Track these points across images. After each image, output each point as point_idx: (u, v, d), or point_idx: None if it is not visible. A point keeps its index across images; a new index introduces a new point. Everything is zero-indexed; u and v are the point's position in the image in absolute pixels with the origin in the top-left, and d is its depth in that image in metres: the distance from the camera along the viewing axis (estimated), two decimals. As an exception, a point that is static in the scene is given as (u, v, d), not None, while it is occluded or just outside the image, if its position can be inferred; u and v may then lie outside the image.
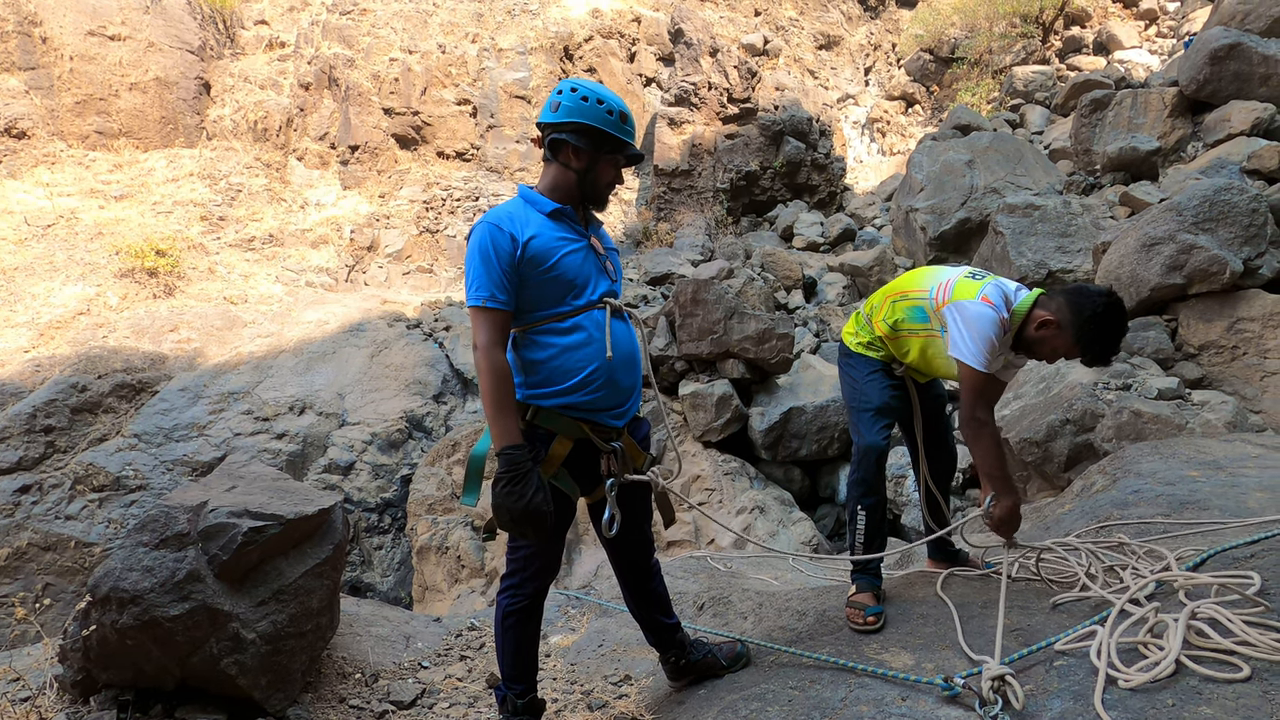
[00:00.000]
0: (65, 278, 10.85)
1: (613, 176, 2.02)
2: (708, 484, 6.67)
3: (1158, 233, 5.53)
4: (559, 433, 1.95)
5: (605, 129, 1.94)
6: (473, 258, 1.89)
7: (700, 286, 6.84)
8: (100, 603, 2.26)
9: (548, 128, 1.98)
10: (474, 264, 1.88)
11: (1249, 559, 2.05)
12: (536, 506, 1.78)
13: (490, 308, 1.86)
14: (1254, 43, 9.23)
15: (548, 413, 1.95)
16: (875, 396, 2.61)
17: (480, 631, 3.36)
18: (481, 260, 1.87)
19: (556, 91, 1.98)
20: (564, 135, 1.95)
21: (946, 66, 18.06)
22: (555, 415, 1.95)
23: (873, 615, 2.42)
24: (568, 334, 1.94)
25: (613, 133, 1.95)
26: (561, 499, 2.00)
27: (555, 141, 1.97)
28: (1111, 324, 2.24)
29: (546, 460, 1.94)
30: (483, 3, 16.57)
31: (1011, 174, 9.72)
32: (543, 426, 1.95)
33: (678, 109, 14.53)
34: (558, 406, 1.95)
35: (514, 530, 1.82)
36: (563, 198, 2.00)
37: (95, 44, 13.42)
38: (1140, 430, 4.51)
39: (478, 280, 1.87)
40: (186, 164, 13.69)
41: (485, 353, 1.85)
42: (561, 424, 1.95)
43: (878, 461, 2.55)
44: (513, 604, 2.08)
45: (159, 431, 8.29)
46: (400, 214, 13.67)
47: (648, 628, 2.37)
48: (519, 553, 2.05)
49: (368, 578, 7.84)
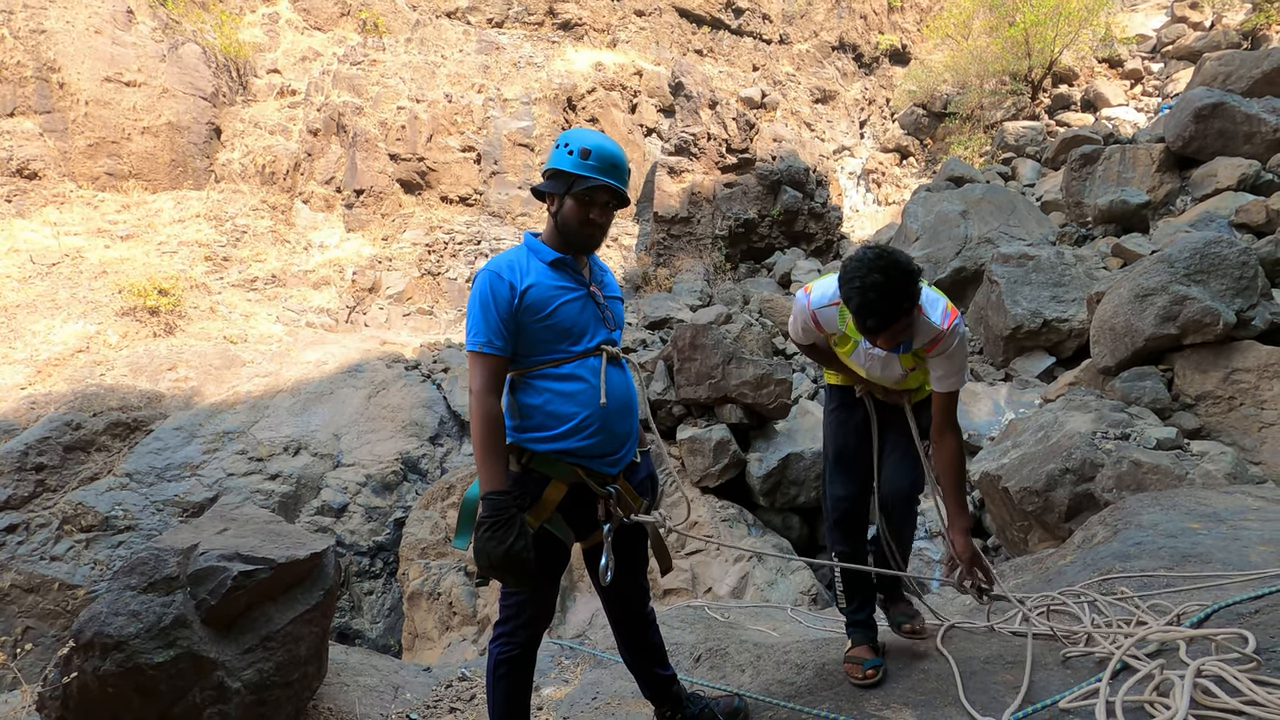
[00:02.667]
0: (66, 315, 10.90)
1: (582, 215, 1.98)
2: (705, 530, 6.58)
3: (1150, 284, 5.60)
4: (554, 477, 1.95)
5: (566, 169, 1.96)
6: (473, 304, 1.94)
7: (699, 331, 6.88)
8: (83, 648, 2.21)
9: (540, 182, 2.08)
10: (474, 310, 1.93)
11: (1253, 615, 2.02)
12: (516, 553, 1.76)
13: (486, 353, 1.90)
14: (1237, 102, 9.52)
15: (542, 457, 1.95)
16: (833, 439, 2.60)
17: (471, 682, 3.27)
18: (481, 307, 1.92)
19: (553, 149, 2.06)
20: (544, 184, 2.03)
21: (939, 121, 18.57)
22: (550, 460, 1.95)
23: (871, 669, 2.36)
24: (563, 380, 1.96)
25: (571, 170, 1.96)
26: (555, 544, 1.98)
27: (539, 192, 2.05)
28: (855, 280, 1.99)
29: (540, 505, 1.94)
30: (489, 55, 17.11)
31: (1005, 225, 9.89)
32: (537, 470, 1.96)
33: (677, 158, 14.86)
34: (552, 452, 1.95)
35: (494, 575, 1.81)
36: (559, 245, 2.04)
37: (111, 89, 13.78)
38: (1140, 480, 4.48)
39: (476, 326, 1.92)
40: (194, 205, 13.92)
41: (479, 398, 1.88)
42: (556, 469, 1.95)
43: (843, 510, 2.50)
44: (504, 652, 2.04)
45: (151, 471, 8.21)
46: (402, 256, 13.83)
47: (643, 680, 2.33)
48: (511, 599, 2.02)
49: (357, 624, 7.66)
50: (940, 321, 2.15)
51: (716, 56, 20.11)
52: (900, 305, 1.98)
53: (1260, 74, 10.69)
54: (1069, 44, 16.77)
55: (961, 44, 18.58)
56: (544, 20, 19.24)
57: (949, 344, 2.16)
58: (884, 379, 2.40)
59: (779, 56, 20.84)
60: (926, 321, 2.15)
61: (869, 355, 2.33)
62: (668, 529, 2.11)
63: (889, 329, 2.01)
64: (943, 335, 2.14)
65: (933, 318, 2.15)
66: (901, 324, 2.03)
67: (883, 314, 1.97)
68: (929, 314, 2.15)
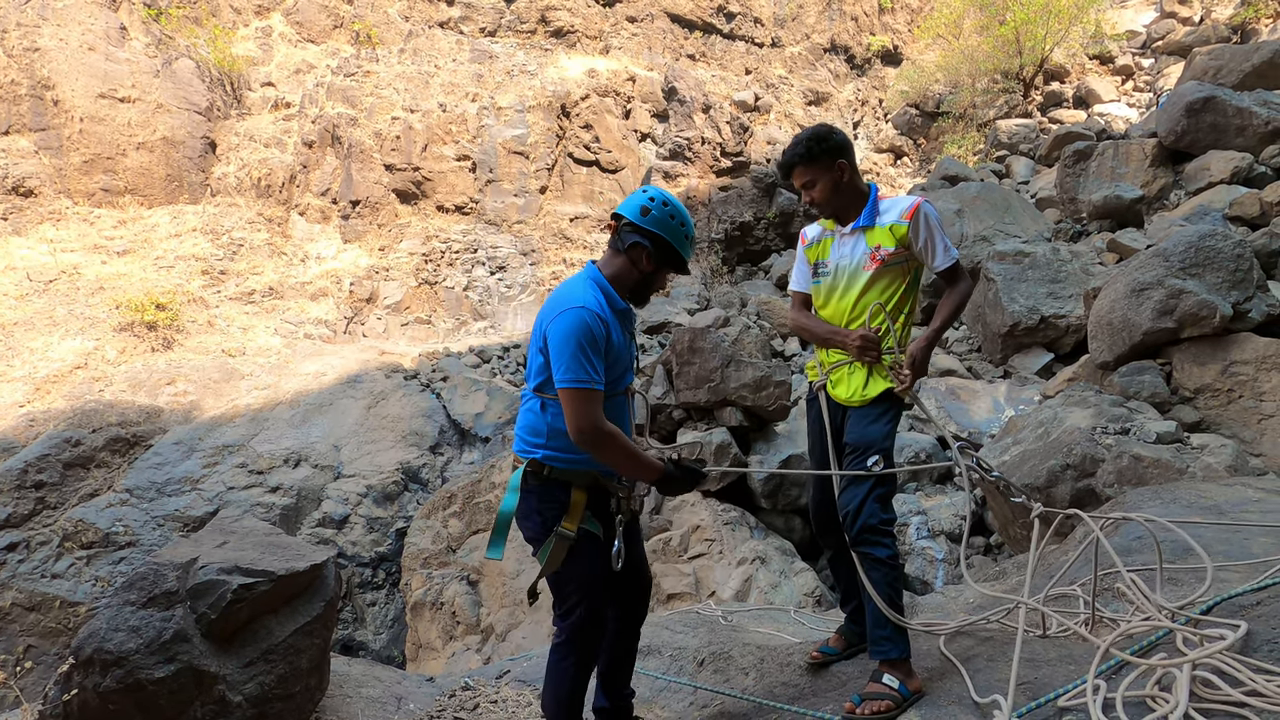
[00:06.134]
0: (64, 332, 10.89)
1: (662, 283, 2.31)
2: (707, 534, 6.57)
3: (1146, 278, 5.61)
4: (574, 484, 2.15)
5: (679, 249, 2.22)
6: (571, 341, 2.02)
7: (697, 335, 6.88)
8: (83, 665, 2.20)
9: (631, 226, 2.19)
10: (574, 347, 2.02)
11: (1255, 605, 2.01)
12: (701, 476, 2.23)
13: (597, 389, 2.04)
14: (1228, 96, 9.55)
15: (564, 469, 2.15)
16: (808, 444, 2.66)
17: (474, 692, 3.26)
18: (587, 344, 2.03)
19: (649, 197, 2.21)
20: (644, 240, 2.18)
21: (932, 120, 18.61)
22: (570, 471, 2.16)
23: (818, 652, 2.57)
24: None
25: (682, 254, 2.24)
26: (594, 541, 2.17)
27: (635, 242, 2.19)
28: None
29: (571, 509, 2.13)
30: (483, 64, 17.16)
31: (1000, 222, 9.91)
32: (559, 480, 2.15)
33: (672, 163, 14.90)
34: (575, 466, 2.16)
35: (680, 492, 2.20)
36: (623, 290, 2.24)
37: (105, 106, 13.81)
38: (1141, 475, 4.48)
39: (580, 364, 2.02)
40: (190, 220, 13.93)
41: (598, 430, 2.02)
42: (575, 476, 2.16)
43: (813, 512, 2.62)
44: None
45: (151, 486, 8.20)
46: (400, 266, 13.84)
47: (611, 692, 2.41)
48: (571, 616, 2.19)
49: (360, 635, 7.63)
50: (911, 202, 2.42)
51: (709, 61, 20.17)
52: (809, 146, 2.35)
53: (1250, 67, 10.73)
54: (1059, 41, 16.83)
55: (953, 43, 18.66)
56: (536, 28, 19.30)
57: (922, 213, 2.38)
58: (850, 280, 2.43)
59: (771, 59, 20.90)
60: (894, 201, 2.44)
61: (840, 244, 2.48)
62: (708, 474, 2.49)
63: (798, 168, 2.39)
64: (915, 206, 2.38)
65: (902, 200, 2.44)
66: (811, 169, 2.37)
67: (791, 149, 2.37)
68: (896, 199, 2.46)
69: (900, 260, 2.37)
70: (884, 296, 2.37)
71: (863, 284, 2.38)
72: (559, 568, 2.12)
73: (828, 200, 2.41)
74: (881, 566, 2.23)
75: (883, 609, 2.17)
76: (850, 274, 2.41)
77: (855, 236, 2.41)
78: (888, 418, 2.34)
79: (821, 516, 2.57)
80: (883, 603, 2.17)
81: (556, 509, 2.11)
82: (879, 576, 2.22)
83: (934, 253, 2.37)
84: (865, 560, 2.24)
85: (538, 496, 2.13)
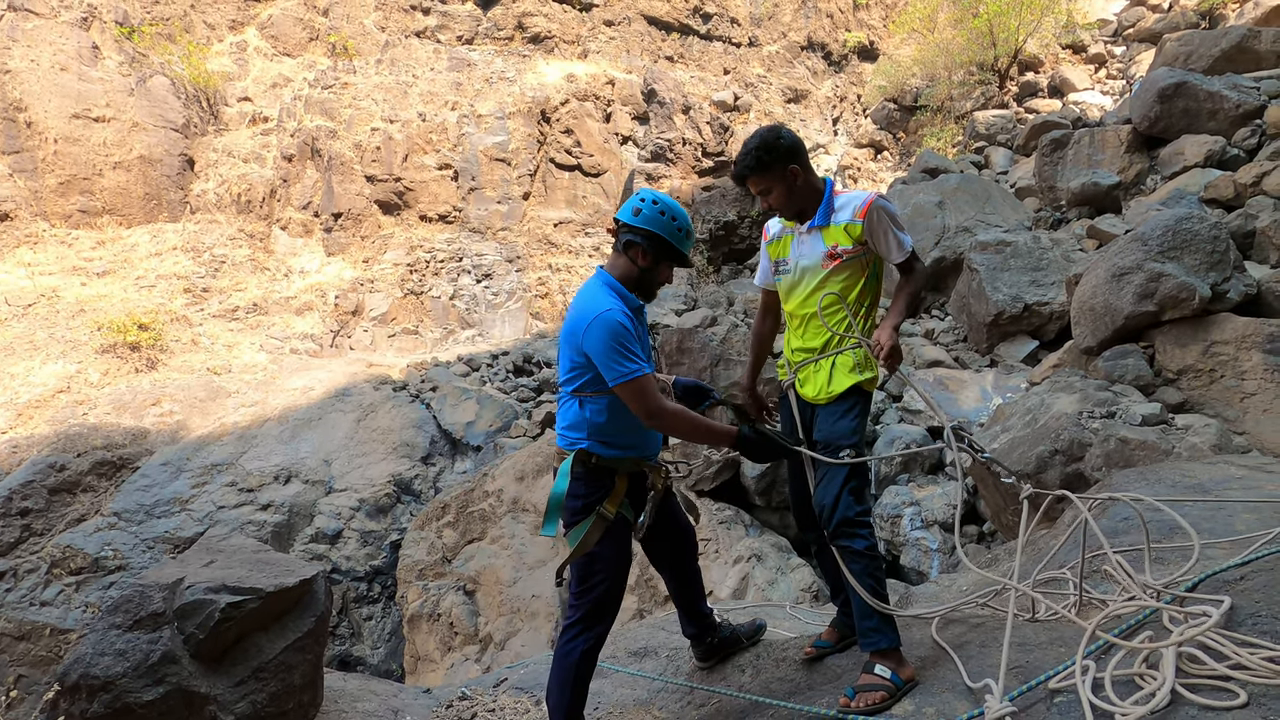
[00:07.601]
0: (45, 356, 10.76)
1: (667, 277, 2.43)
2: (703, 534, 6.57)
3: (1126, 263, 5.67)
4: (618, 471, 2.33)
5: (672, 242, 2.35)
6: (610, 341, 2.18)
7: (685, 335, 6.89)
8: (69, 691, 2.17)
9: (625, 226, 2.36)
10: (614, 345, 2.18)
11: (1239, 581, 2.04)
12: (783, 444, 2.35)
13: (647, 373, 2.21)
14: (1199, 81, 9.67)
15: (608, 458, 2.32)
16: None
17: (472, 701, 3.24)
18: (624, 341, 2.19)
19: (640, 198, 2.37)
20: (638, 238, 2.33)
21: (911, 114, 18.74)
22: (616, 459, 2.33)
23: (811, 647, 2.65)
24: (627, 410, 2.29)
25: (676, 246, 2.36)
26: (627, 526, 2.37)
27: (629, 240, 2.34)
28: None
29: (614, 493, 2.31)
30: (461, 72, 17.13)
31: (981, 213, 9.98)
32: (605, 466, 2.32)
33: (654, 164, 14.93)
34: (620, 454, 2.34)
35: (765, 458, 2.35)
36: (631, 287, 2.38)
37: (80, 126, 13.67)
38: (1128, 457, 4.52)
39: (624, 356, 2.18)
40: (170, 238, 13.81)
41: (661, 408, 2.22)
42: (619, 463, 2.34)
43: (793, 505, 2.68)
44: (589, 645, 2.32)
45: (139, 509, 8.11)
46: (384, 277, 13.78)
47: (688, 614, 2.76)
48: (588, 596, 2.32)
49: (358, 650, 7.58)
50: (864, 199, 2.42)
51: (688, 62, 20.23)
52: (758, 156, 2.37)
53: (1219, 52, 10.87)
54: (1032, 32, 17.00)
55: (927, 37, 18.80)
56: (514, 35, 19.30)
57: (875, 210, 2.38)
58: (809, 277, 2.46)
59: (749, 59, 21.00)
60: (849, 199, 2.45)
61: (799, 241, 2.50)
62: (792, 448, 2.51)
63: (750, 178, 2.42)
64: (869, 203, 2.38)
65: (856, 197, 2.45)
66: (764, 178, 2.40)
67: (741, 159, 2.41)
68: (851, 195, 2.48)
69: (858, 255, 2.41)
70: (843, 288, 2.42)
71: (821, 280, 2.44)
72: (592, 548, 2.27)
73: (785, 205, 2.45)
74: (861, 558, 2.24)
75: (866, 599, 2.18)
76: (810, 271, 2.46)
77: (813, 235, 2.45)
78: (854, 413, 2.36)
79: (802, 513, 2.59)
80: (865, 594, 2.17)
81: (601, 493, 2.31)
82: (859, 568, 2.22)
83: (889, 249, 2.41)
84: (844, 553, 2.25)
85: (585, 482, 2.31)
